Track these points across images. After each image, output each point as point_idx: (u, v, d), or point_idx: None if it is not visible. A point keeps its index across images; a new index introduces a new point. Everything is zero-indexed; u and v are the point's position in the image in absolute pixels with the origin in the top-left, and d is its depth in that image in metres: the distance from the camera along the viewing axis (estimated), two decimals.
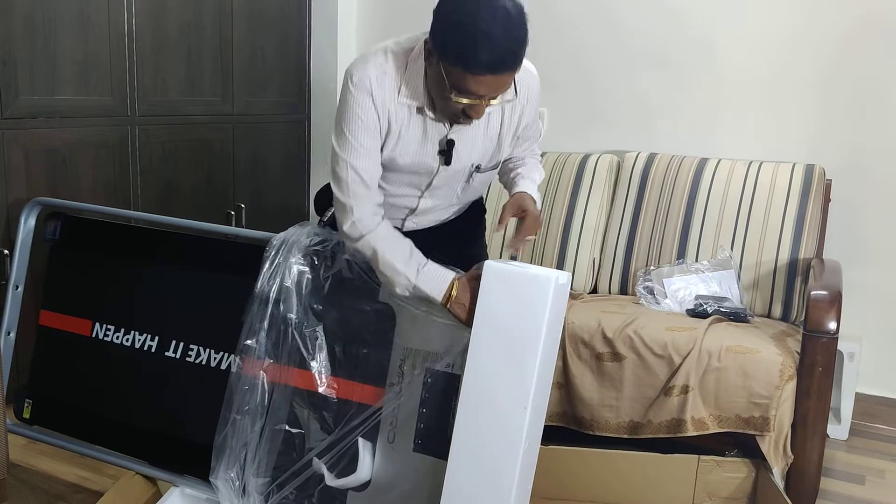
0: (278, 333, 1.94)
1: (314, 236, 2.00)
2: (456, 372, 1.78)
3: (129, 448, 2.25)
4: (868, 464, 2.73)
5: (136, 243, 2.35)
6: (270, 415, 1.94)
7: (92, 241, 2.40)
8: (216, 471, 1.95)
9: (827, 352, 2.23)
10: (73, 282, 2.39)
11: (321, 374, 1.93)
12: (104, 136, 2.91)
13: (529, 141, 2.09)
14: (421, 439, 1.81)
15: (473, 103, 1.68)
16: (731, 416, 2.31)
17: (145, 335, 2.24)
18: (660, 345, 2.39)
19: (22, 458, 2.58)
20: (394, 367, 1.87)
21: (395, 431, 1.85)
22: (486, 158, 1.93)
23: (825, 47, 2.97)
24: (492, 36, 1.62)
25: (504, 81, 1.69)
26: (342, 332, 1.94)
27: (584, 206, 3.09)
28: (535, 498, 2.35)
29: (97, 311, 2.32)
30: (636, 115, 3.31)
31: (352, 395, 1.90)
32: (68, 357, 2.36)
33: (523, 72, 1.79)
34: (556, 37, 3.41)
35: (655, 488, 2.34)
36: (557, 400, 2.52)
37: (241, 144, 3.41)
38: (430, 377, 1.81)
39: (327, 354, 1.94)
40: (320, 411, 1.92)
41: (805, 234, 2.78)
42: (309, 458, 1.90)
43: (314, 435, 1.92)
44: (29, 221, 2.49)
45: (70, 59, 2.76)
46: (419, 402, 1.82)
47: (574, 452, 2.38)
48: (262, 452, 1.94)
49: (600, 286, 3.06)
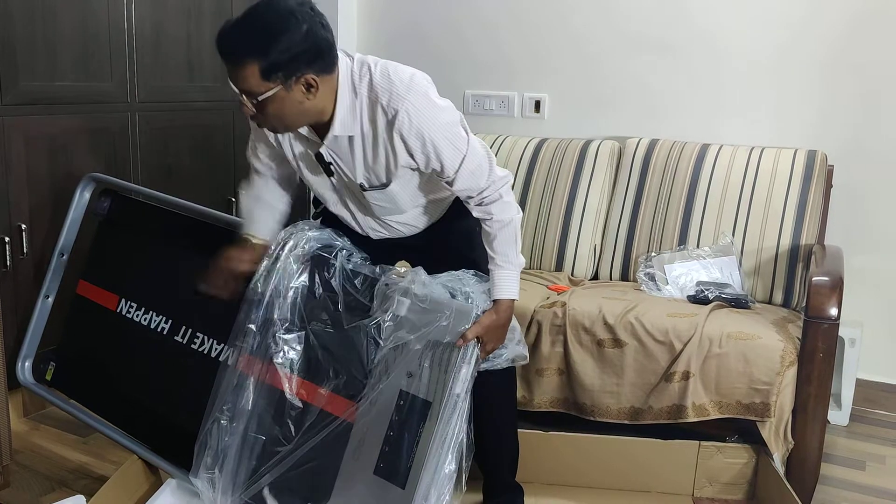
0: (265, 336, 1.94)
1: (315, 242, 2.00)
2: (429, 399, 1.77)
3: (128, 425, 2.28)
4: (868, 449, 2.74)
5: (170, 228, 2.42)
6: (251, 417, 1.94)
7: (134, 222, 2.51)
8: (197, 469, 1.95)
9: (828, 338, 2.23)
10: (111, 257, 2.48)
11: (297, 380, 1.93)
12: (104, 122, 2.90)
13: (465, 191, 1.88)
14: (384, 462, 1.79)
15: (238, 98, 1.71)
16: (731, 401, 2.32)
17: (161, 317, 2.28)
18: (661, 331, 2.39)
19: (25, 445, 2.59)
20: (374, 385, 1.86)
21: (361, 448, 1.83)
22: (370, 180, 1.89)
23: (827, 33, 2.95)
24: (232, 21, 1.67)
25: (239, 75, 1.66)
26: (327, 342, 1.93)
27: (585, 192, 3.09)
28: (537, 484, 2.36)
29: (125, 287, 2.39)
30: (638, 101, 3.30)
31: (327, 405, 1.90)
32: (93, 328, 2.43)
33: (398, 99, 1.74)
34: (557, 22, 3.40)
35: (656, 474, 2.35)
36: (558, 386, 2.52)
37: (241, 130, 3.40)
38: (403, 400, 1.80)
39: (309, 363, 1.94)
40: (294, 417, 1.92)
41: (807, 220, 2.78)
42: (283, 462, 1.90)
43: (289, 440, 1.91)
44: (84, 195, 2.59)
45: (70, 46, 2.75)
46: (388, 423, 1.80)
47: (575, 438, 2.38)
48: (242, 454, 1.94)
49: (601, 272, 3.06)
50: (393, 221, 2.02)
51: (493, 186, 1.87)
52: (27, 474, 2.43)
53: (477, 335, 1.80)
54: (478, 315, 1.82)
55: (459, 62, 3.61)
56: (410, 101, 1.74)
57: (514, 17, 3.48)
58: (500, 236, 1.88)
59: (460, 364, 1.78)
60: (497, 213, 1.88)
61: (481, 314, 1.82)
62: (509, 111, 3.56)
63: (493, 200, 1.88)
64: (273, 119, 1.74)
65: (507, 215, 1.88)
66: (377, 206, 1.96)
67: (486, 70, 3.58)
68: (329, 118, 1.79)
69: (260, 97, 1.67)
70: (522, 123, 3.54)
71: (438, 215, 2.08)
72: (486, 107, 3.60)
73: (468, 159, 1.82)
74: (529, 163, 3.20)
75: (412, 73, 1.80)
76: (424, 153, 1.80)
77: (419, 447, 1.75)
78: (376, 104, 1.77)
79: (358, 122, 1.80)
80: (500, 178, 1.88)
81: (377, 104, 1.77)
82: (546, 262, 3.08)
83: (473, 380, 1.82)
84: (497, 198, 1.87)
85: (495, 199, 1.87)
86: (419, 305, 1.84)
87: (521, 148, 3.26)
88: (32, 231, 2.69)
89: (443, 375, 1.78)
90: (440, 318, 1.81)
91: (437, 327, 1.81)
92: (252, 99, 1.68)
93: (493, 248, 1.89)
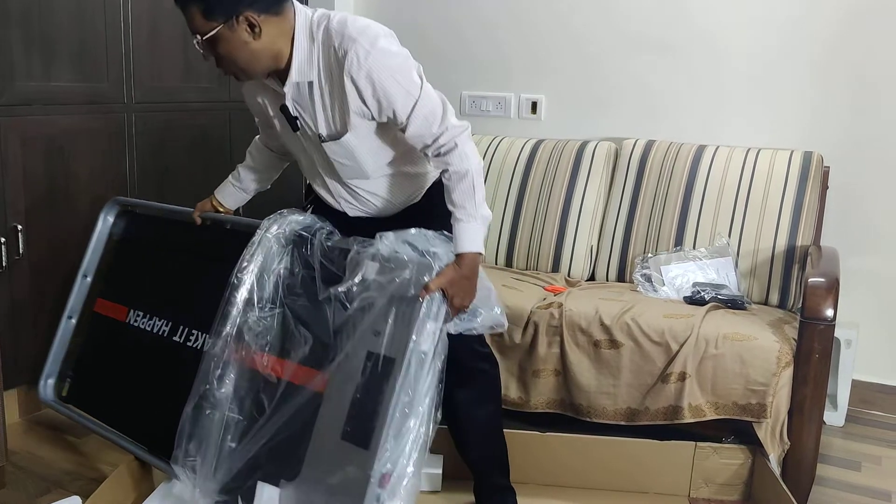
0: (245, 319, 1.96)
1: (297, 224, 2.02)
2: (393, 356, 1.74)
3: (136, 433, 2.28)
4: (864, 450, 2.74)
5: (172, 235, 2.48)
6: (230, 400, 1.94)
7: (143, 236, 2.57)
8: (177, 456, 1.95)
9: (824, 339, 2.23)
10: (123, 273, 2.55)
11: (272, 359, 1.94)
12: (101, 123, 2.90)
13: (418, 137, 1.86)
14: (350, 426, 1.76)
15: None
16: (728, 402, 2.32)
17: (162, 321, 2.32)
18: (657, 332, 2.39)
19: (21, 446, 2.59)
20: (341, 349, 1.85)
21: (331, 415, 1.81)
22: (328, 129, 1.91)
23: (824, 34, 2.96)
24: None
25: (187, 17, 1.77)
26: (302, 317, 1.94)
27: (581, 193, 3.09)
28: (533, 485, 2.37)
29: (133, 298, 2.45)
30: (634, 102, 3.30)
31: (299, 378, 1.89)
32: (106, 341, 2.48)
33: (349, 41, 1.78)
34: (555, 23, 3.40)
35: (652, 475, 2.35)
36: (555, 387, 2.52)
37: (237, 130, 3.39)
38: (370, 361, 1.78)
39: (285, 340, 1.94)
40: (269, 395, 1.91)
41: (803, 221, 2.78)
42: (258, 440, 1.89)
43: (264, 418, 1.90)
44: (107, 219, 2.62)
45: (66, 46, 2.75)
46: (356, 386, 1.78)
47: (572, 439, 2.38)
48: (223, 438, 1.93)
49: (598, 273, 3.06)
50: (361, 190, 2.01)
51: (448, 133, 1.84)
52: (23, 475, 2.43)
53: (440, 287, 1.78)
54: (440, 268, 1.80)
55: (456, 63, 3.61)
56: (360, 44, 1.76)
57: (511, 17, 3.49)
58: (457, 188, 1.85)
59: (425, 319, 1.75)
60: (454, 164, 1.85)
61: (444, 267, 1.81)
62: (506, 112, 3.57)
63: (450, 149, 1.85)
64: (228, 63, 1.82)
65: (464, 166, 1.84)
66: (338, 164, 1.95)
67: (482, 71, 3.58)
68: (288, 65, 1.84)
69: (205, 37, 1.76)
70: (519, 124, 3.54)
71: (414, 195, 2.08)
72: (483, 108, 3.60)
73: (421, 104, 1.81)
74: (526, 164, 3.20)
75: (369, 22, 1.82)
76: (375, 97, 1.80)
77: (383, 407, 1.71)
78: (330, 48, 1.80)
79: (315, 68, 1.84)
80: (456, 126, 1.86)
81: (331, 48, 1.80)
82: (543, 263, 3.08)
83: (445, 340, 1.80)
84: (453, 146, 1.84)
85: (451, 147, 1.84)
86: (386, 266, 1.83)
87: (518, 149, 3.26)
88: (28, 231, 2.69)
89: (406, 330, 1.74)
90: (402, 272, 1.80)
91: (400, 282, 1.80)
92: (202, 42, 1.78)
93: (453, 201, 1.86)
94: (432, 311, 1.77)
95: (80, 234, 2.84)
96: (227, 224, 2.33)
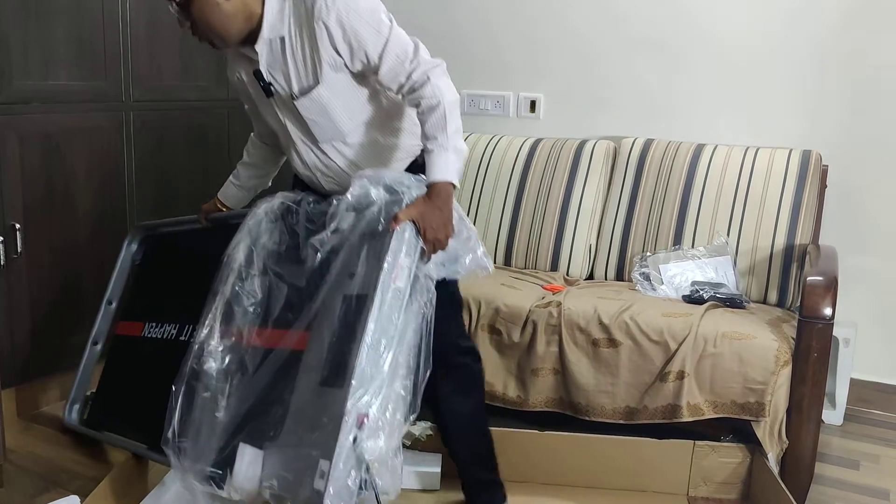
0: (234, 294, 1.97)
1: (284, 198, 2.05)
2: (365, 293, 1.72)
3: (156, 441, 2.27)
4: (862, 449, 2.74)
5: (183, 245, 2.56)
6: (218, 379, 1.93)
7: (158, 252, 2.65)
8: (167, 438, 1.94)
9: (822, 338, 2.23)
10: (140, 293, 2.63)
11: (256, 329, 1.93)
12: (98, 122, 2.89)
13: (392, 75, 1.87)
14: (327, 371, 1.72)
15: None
16: (726, 401, 2.32)
17: (171, 325, 2.38)
18: (656, 331, 2.39)
19: (19, 445, 2.58)
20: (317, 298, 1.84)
21: (310, 365, 1.78)
22: (300, 83, 1.91)
23: (822, 33, 2.95)
24: None
25: None
26: (286, 281, 1.93)
27: (580, 192, 3.09)
28: (532, 483, 2.37)
29: (148, 312, 2.51)
30: (633, 101, 3.30)
31: (282, 342, 1.88)
32: (124, 358, 2.55)
33: None
34: (553, 21, 3.40)
35: (651, 473, 2.35)
36: (554, 386, 2.52)
37: (235, 129, 3.39)
38: (346, 303, 1.76)
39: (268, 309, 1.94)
40: (255, 366, 1.89)
41: (801, 220, 2.78)
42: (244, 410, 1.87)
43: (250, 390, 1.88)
44: (131, 246, 2.71)
45: (64, 44, 2.74)
46: (332, 331, 1.75)
47: (570, 438, 2.39)
48: (214, 419, 1.91)
49: (596, 272, 3.06)
50: (336, 157, 1.99)
51: (421, 69, 1.85)
52: (21, 474, 2.42)
53: (410, 218, 1.76)
54: (411, 200, 1.79)
55: (455, 61, 3.58)
56: None
57: (510, 16, 3.48)
58: (429, 120, 1.84)
59: (397, 252, 1.72)
60: (426, 96, 1.85)
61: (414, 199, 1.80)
62: (504, 111, 3.56)
63: (422, 84, 1.85)
64: (203, 28, 1.86)
65: (436, 98, 1.84)
66: (312, 123, 1.94)
67: (481, 69, 3.58)
68: (260, 25, 1.88)
69: (178, 1, 1.82)
70: (518, 123, 3.54)
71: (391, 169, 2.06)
72: (482, 106, 3.60)
73: (392, 42, 1.85)
74: (525, 163, 3.20)
75: None
76: (346, 41, 1.83)
77: (356, 342, 1.66)
78: (300, 2, 1.85)
79: (286, 22, 1.88)
80: (428, 62, 1.88)
81: (301, 1, 1.85)
82: (541, 262, 3.08)
83: (431, 288, 1.79)
84: (425, 80, 1.85)
85: (423, 81, 1.85)
86: (359, 207, 1.83)
87: (517, 148, 3.26)
88: (27, 230, 2.68)
89: (377, 264, 1.72)
90: (372, 209, 1.80)
91: (370, 219, 1.79)
92: (176, 6, 1.83)
93: (425, 133, 1.85)
94: (404, 243, 1.74)
95: (79, 233, 2.85)
96: (230, 219, 2.32)
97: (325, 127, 1.96)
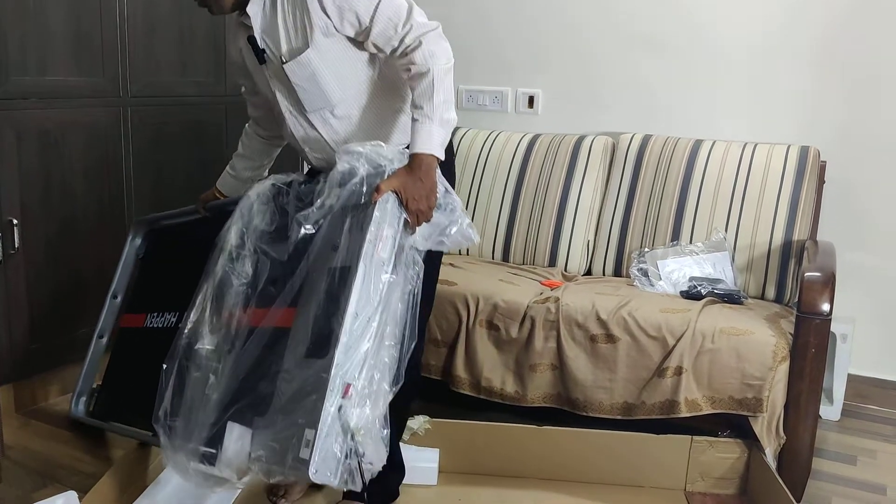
0: (225, 275, 1.98)
1: (276, 180, 2.06)
2: (348, 264, 1.73)
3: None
4: (860, 444, 2.75)
5: (183, 235, 2.59)
6: (209, 359, 1.94)
7: (160, 244, 2.68)
8: (157, 417, 1.94)
9: (820, 333, 2.24)
10: (143, 286, 2.66)
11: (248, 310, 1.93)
12: (96, 117, 2.89)
13: (383, 38, 1.85)
14: (311, 343, 1.73)
15: None
16: (724, 397, 2.32)
17: (172, 314, 2.39)
18: (654, 326, 2.39)
19: (16, 440, 2.58)
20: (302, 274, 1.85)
21: (297, 341, 1.78)
22: (289, 45, 1.89)
23: (820, 29, 2.95)
24: None
25: None
26: (275, 259, 1.94)
27: (578, 187, 3.09)
28: (530, 479, 2.37)
29: (150, 303, 2.53)
30: (631, 97, 3.30)
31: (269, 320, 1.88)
32: (128, 349, 2.58)
33: None
34: (551, 17, 3.39)
35: (649, 469, 2.36)
36: (551, 381, 2.52)
37: (233, 124, 3.38)
38: (330, 276, 1.76)
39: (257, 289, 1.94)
40: (244, 345, 1.89)
41: (799, 216, 2.78)
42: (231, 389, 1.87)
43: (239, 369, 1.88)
44: (135, 241, 2.72)
45: (61, 39, 2.73)
46: (318, 304, 1.76)
47: (568, 433, 2.39)
48: (204, 399, 1.90)
49: (594, 268, 3.06)
50: (326, 130, 1.97)
51: (414, 32, 1.82)
52: (19, 470, 2.42)
53: (392, 189, 1.76)
54: (392, 171, 1.79)
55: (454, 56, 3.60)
56: None
57: (508, 12, 3.48)
58: (417, 88, 1.81)
59: (381, 224, 1.73)
60: (417, 62, 1.81)
61: (396, 170, 1.79)
62: (503, 106, 3.56)
63: (414, 48, 1.81)
64: None
65: (427, 65, 1.81)
66: (300, 90, 1.91)
67: (479, 65, 3.58)
68: None
69: None
70: (516, 119, 3.54)
71: None
72: (480, 102, 3.60)
73: (384, 4, 1.80)
74: (523, 158, 3.19)
75: None
76: (336, 4, 1.80)
77: (340, 312, 1.68)
78: None
79: None
80: (422, 25, 1.84)
81: None
82: (539, 258, 3.08)
83: (418, 260, 1.80)
84: (417, 45, 1.81)
85: (415, 45, 1.81)
86: (343, 180, 1.83)
87: (515, 143, 3.25)
88: (24, 226, 2.68)
89: (360, 235, 1.72)
90: (354, 181, 1.80)
91: (353, 191, 1.79)
92: None
93: (413, 100, 1.83)
94: (387, 214, 1.74)
95: (76, 228, 2.84)
96: (227, 206, 2.32)
97: (313, 94, 1.92)
